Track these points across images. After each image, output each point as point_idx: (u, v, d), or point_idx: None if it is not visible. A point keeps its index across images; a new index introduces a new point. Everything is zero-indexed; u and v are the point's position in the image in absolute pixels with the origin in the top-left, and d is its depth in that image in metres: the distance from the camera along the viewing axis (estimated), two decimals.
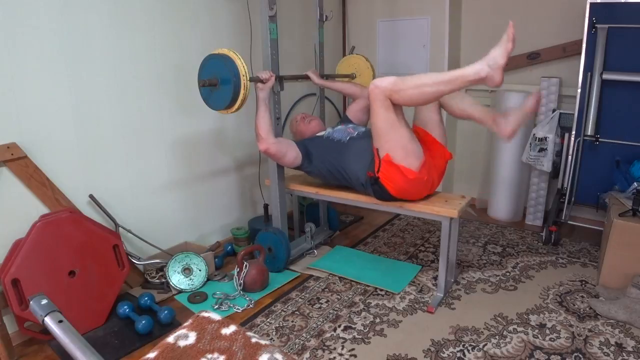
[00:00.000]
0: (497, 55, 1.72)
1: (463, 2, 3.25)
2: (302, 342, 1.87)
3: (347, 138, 2.26)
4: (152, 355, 1.03)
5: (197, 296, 2.22)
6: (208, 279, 2.36)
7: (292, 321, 2.02)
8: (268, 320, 2.04)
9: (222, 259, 2.60)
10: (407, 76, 1.90)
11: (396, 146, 1.98)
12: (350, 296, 2.22)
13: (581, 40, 2.57)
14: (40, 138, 1.90)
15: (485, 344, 1.82)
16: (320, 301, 2.18)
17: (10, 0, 1.74)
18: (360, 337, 1.90)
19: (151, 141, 2.35)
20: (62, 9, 1.90)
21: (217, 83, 1.96)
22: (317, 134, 2.42)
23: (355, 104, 2.57)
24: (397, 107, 1.96)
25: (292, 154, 2.27)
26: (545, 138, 2.81)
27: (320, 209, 2.85)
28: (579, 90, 2.61)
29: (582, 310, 2.05)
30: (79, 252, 1.88)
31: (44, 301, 0.92)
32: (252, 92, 2.04)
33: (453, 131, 3.46)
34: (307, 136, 2.46)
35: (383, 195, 2.11)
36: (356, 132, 2.29)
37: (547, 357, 1.73)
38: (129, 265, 2.07)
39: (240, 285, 2.23)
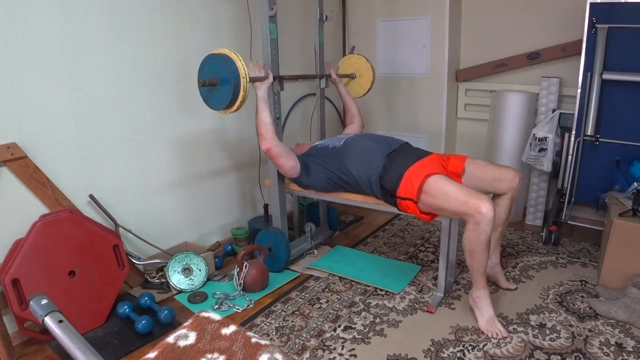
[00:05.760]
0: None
1: (463, 2, 3.25)
2: (302, 342, 1.87)
3: (341, 142, 2.27)
4: (152, 355, 1.03)
5: (197, 296, 2.22)
6: (208, 279, 2.36)
7: (292, 321, 2.02)
8: (268, 320, 2.04)
9: (222, 259, 2.60)
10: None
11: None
12: (350, 296, 2.22)
13: (581, 40, 2.57)
14: (40, 138, 1.90)
15: (485, 344, 1.82)
16: (320, 301, 2.18)
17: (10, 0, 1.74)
18: (360, 337, 1.90)
19: (151, 141, 2.35)
20: (63, 8, 1.90)
21: (217, 83, 1.95)
22: (311, 146, 2.45)
23: (350, 128, 2.69)
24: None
25: (291, 161, 2.23)
26: (545, 138, 2.81)
27: (320, 209, 2.84)
28: (579, 90, 2.60)
29: (582, 310, 2.05)
30: (79, 252, 1.87)
31: (44, 301, 0.92)
32: (252, 92, 2.04)
33: (453, 132, 3.46)
34: (302, 153, 2.45)
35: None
36: (348, 136, 2.30)
37: (547, 357, 1.73)
38: (129, 265, 2.07)
39: (240, 285, 2.23)
